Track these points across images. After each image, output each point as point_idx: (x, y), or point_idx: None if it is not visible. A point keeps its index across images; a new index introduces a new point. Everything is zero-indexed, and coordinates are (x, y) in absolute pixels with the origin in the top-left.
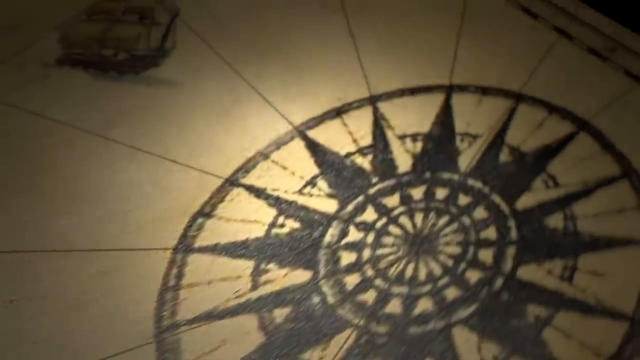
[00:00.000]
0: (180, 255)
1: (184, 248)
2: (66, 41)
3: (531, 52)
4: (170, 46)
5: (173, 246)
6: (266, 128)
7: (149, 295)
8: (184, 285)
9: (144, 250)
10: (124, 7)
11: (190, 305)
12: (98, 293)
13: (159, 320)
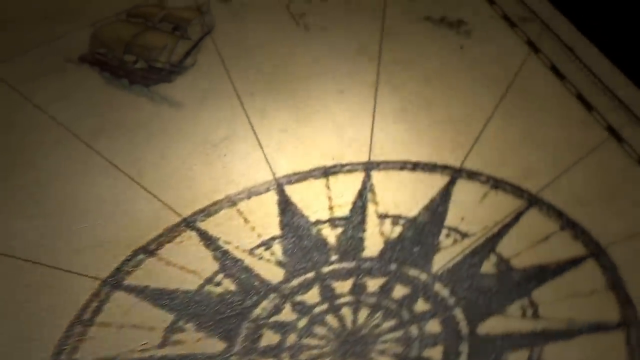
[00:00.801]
0: (106, 289)
1: (113, 282)
2: (96, 39)
3: (569, 149)
4: (190, 63)
5: (104, 277)
6: (246, 173)
7: (61, 323)
8: (97, 322)
9: (76, 274)
10: (164, 15)
11: (93, 346)
12: (17, 306)
13: (58, 353)
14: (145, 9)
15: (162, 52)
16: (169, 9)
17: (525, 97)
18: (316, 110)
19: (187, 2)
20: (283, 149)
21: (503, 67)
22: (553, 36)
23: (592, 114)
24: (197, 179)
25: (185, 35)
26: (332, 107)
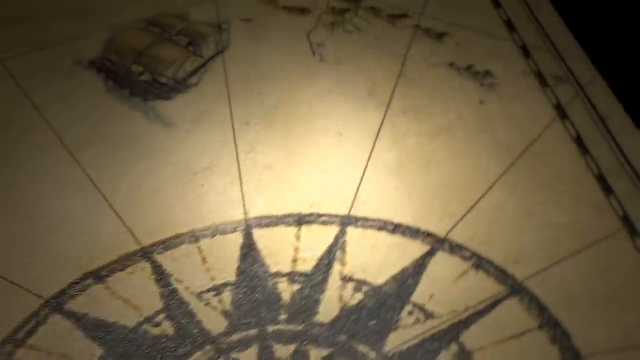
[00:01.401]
0: (47, 310)
1: (55, 304)
2: (110, 44)
3: (573, 235)
4: (194, 82)
5: (48, 297)
6: (218, 209)
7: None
8: (28, 344)
9: (22, 289)
10: (182, 28)
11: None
12: None
13: None
14: (166, 20)
15: (170, 67)
16: (189, 22)
17: (538, 168)
18: (308, 151)
19: (210, 17)
20: (263, 188)
21: (521, 131)
22: (587, 103)
23: (609, 198)
24: (168, 207)
25: (198, 52)
26: (326, 150)
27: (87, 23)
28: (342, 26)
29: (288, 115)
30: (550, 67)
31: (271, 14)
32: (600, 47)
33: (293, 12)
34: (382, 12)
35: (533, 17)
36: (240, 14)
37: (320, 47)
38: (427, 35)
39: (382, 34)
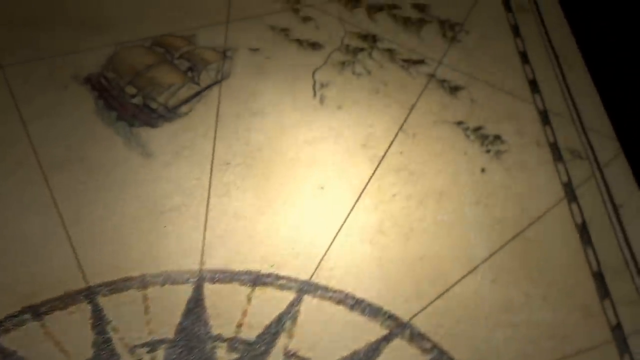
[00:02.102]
0: None
1: None
2: (110, 61)
3: (556, 339)
4: (184, 111)
5: None
6: (175, 254)
7: None
8: None
9: None
10: (185, 51)
11: None
12: None
13: None
14: (172, 40)
15: (164, 92)
16: (195, 44)
17: (530, 254)
18: (284, 202)
19: (217, 42)
20: (227, 238)
21: (521, 208)
22: (602, 184)
23: (603, 302)
24: (126, 245)
25: (196, 78)
26: (303, 203)
27: (95, 35)
28: (352, 67)
29: (272, 159)
30: (568, 139)
31: (280, 45)
32: (630, 121)
33: (304, 46)
34: (398, 55)
35: (562, 78)
36: (249, 42)
37: (323, 88)
38: (441, 86)
39: (392, 79)
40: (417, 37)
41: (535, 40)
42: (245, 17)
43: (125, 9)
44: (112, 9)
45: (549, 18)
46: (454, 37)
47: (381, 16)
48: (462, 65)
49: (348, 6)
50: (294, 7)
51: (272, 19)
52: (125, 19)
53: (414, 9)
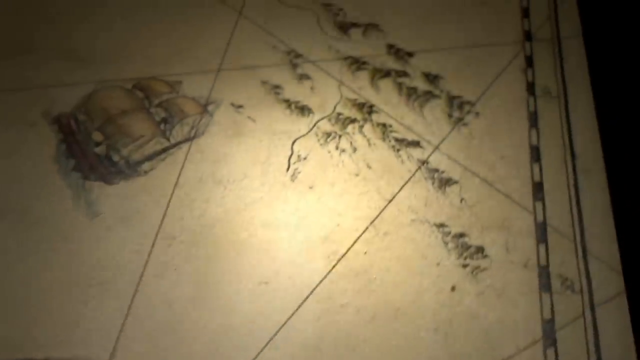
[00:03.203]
0: None
1: None
2: (86, 100)
3: None
4: (144, 169)
5: None
6: (86, 340)
7: None
8: None
9: None
10: (165, 99)
11: None
12: None
13: None
14: (155, 85)
15: (130, 144)
16: (177, 93)
17: None
18: (219, 296)
19: (202, 92)
20: (147, 330)
21: (488, 346)
22: (592, 331)
23: None
24: (41, 318)
25: (168, 132)
26: (242, 300)
27: (78, 69)
28: (337, 141)
29: (222, 239)
30: (563, 264)
31: (267, 104)
32: None
33: (292, 109)
34: (392, 132)
35: (574, 186)
36: (234, 96)
37: (300, 162)
38: (431, 177)
39: (378, 161)
40: (419, 113)
41: (554, 134)
42: (239, 67)
43: (114, 44)
44: (101, 42)
45: (576, 110)
46: (461, 119)
47: (385, 84)
48: (461, 155)
49: (352, 67)
50: (293, 62)
51: (267, 72)
52: (112, 54)
53: (423, 78)
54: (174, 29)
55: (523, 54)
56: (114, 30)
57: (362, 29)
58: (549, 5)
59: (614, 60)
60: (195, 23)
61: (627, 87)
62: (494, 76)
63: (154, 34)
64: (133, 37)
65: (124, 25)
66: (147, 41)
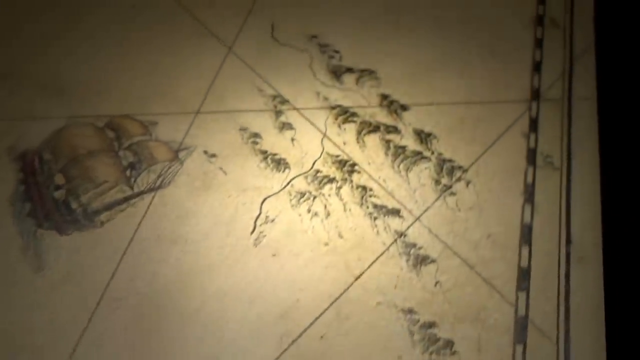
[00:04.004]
0: None
1: None
2: (54, 137)
3: None
4: (100, 221)
5: None
6: None
7: None
8: None
9: None
10: (137, 141)
11: None
12: None
13: None
14: (128, 124)
15: (91, 190)
16: (150, 135)
17: None
18: None
19: (176, 136)
20: None
21: None
22: None
23: None
24: None
25: (133, 180)
26: None
27: (52, 103)
28: (310, 203)
29: (169, 308)
30: None
31: (242, 155)
32: None
33: (268, 162)
34: (371, 197)
35: (565, 279)
36: (209, 143)
37: (266, 224)
38: (407, 253)
39: (351, 230)
40: (404, 176)
41: (550, 213)
42: (219, 109)
43: (93, 77)
44: (81, 73)
45: (578, 186)
46: (448, 187)
47: (372, 140)
48: (443, 229)
49: (339, 119)
50: (277, 108)
51: (248, 118)
52: (89, 88)
53: (414, 136)
54: (158, 64)
55: (528, 115)
56: (96, 62)
57: (357, 75)
58: (564, 60)
59: (629, 129)
60: (182, 58)
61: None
62: (492, 139)
63: (137, 68)
64: (114, 70)
65: (107, 57)
66: (128, 75)
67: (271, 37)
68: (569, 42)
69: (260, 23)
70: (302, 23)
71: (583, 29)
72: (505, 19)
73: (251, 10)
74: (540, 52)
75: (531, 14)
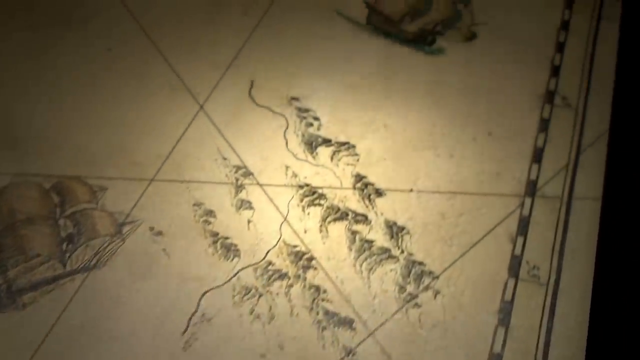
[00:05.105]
0: None
1: None
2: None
3: None
4: (25, 302)
5: None
6: None
7: None
8: None
9: None
10: (81, 209)
11: None
12: None
13: None
14: (76, 188)
15: (21, 264)
16: (97, 204)
17: None
18: None
19: (124, 206)
20: None
21: None
22: None
23: None
24: None
25: (67, 256)
26: None
27: (6, 157)
28: (256, 302)
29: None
30: None
31: (191, 236)
32: None
33: (216, 247)
34: (323, 301)
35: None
36: (157, 219)
37: (201, 324)
38: None
39: (295, 340)
40: (366, 279)
41: (527, 341)
42: (176, 178)
43: (49, 130)
44: (35, 126)
45: (565, 305)
46: (414, 297)
47: (337, 229)
48: (398, 349)
49: (305, 200)
50: (239, 182)
51: (205, 191)
52: (43, 142)
53: (385, 230)
54: (123, 118)
55: (519, 212)
56: (57, 112)
57: (334, 149)
58: (570, 149)
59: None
60: (149, 113)
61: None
62: (472, 240)
63: (99, 123)
64: (75, 122)
65: (71, 106)
66: (88, 130)
67: (248, 95)
68: (580, 127)
69: (239, 78)
70: (283, 82)
71: (599, 112)
72: (511, 92)
73: (231, 63)
74: (545, 136)
75: (541, 89)
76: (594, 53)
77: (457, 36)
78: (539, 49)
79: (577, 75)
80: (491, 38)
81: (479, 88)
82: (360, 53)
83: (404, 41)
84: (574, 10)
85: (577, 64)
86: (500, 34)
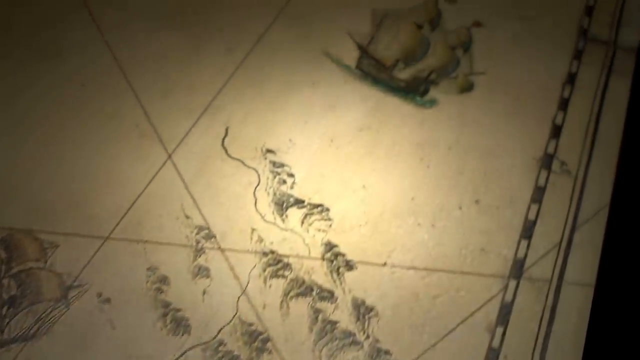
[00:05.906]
0: None
1: None
2: None
3: None
4: None
5: None
6: None
7: None
8: None
9: None
10: (28, 268)
11: None
12: None
13: None
14: (25, 244)
15: None
16: (45, 263)
17: None
18: None
19: (73, 268)
20: None
21: None
22: None
23: None
24: None
25: (6, 321)
26: None
27: None
28: None
29: None
30: None
31: (139, 306)
32: None
33: (166, 321)
34: None
35: None
36: (107, 284)
37: None
38: None
39: None
40: None
41: None
42: (132, 238)
43: (6, 176)
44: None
45: None
46: None
47: (299, 306)
48: None
49: (268, 271)
50: (199, 245)
51: (162, 255)
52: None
53: (351, 310)
54: (84, 168)
55: (501, 297)
56: (15, 156)
57: (305, 211)
58: (564, 225)
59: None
60: (114, 162)
61: None
62: (446, 329)
63: (60, 170)
64: (32, 168)
65: (32, 149)
66: (46, 178)
67: (221, 144)
68: (577, 199)
69: (214, 124)
70: (260, 131)
71: (600, 182)
72: (505, 154)
73: (208, 105)
74: (538, 207)
75: (539, 152)
76: (600, 112)
77: (452, 86)
78: (540, 104)
79: (580, 138)
80: (489, 90)
81: (470, 147)
82: (346, 101)
83: (395, 90)
84: (582, 61)
85: (581, 124)
86: (499, 86)
